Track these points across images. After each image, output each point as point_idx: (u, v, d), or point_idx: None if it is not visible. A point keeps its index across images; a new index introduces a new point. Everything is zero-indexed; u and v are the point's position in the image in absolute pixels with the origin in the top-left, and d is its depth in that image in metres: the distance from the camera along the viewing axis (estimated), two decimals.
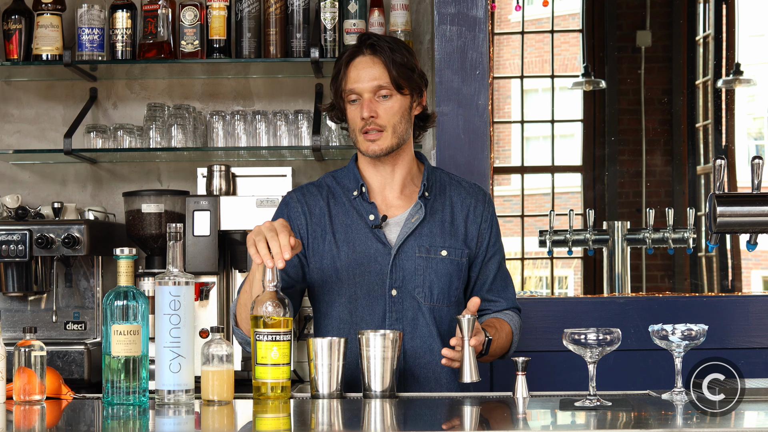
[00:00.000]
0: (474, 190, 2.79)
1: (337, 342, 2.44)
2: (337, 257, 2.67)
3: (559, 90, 4.83)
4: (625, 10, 4.81)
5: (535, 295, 3.97)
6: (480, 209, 2.76)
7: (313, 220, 2.71)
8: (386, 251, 2.67)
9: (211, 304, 3.64)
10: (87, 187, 4.09)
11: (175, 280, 2.34)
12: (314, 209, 2.72)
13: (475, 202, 2.76)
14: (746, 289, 4.70)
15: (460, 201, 2.75)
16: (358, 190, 2.71)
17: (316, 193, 2.74)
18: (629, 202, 4.67)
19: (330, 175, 2.79)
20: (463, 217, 2.74)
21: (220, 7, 3.82)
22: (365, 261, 2.66)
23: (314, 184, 2.78)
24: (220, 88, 4.11)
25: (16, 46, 3.87)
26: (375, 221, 2.68)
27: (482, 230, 2.75)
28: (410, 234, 2.68)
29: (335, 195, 2.74)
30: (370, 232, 2.68)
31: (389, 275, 2.66)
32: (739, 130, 4.74)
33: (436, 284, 2.67)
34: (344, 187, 2.74)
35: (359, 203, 2.71)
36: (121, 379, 2.29)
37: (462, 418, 2.28)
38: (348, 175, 2.76)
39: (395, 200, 2.73)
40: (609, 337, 2.25)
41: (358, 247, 2.67)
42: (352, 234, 2.69)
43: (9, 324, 3.72)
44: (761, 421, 2.19)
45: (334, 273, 2.68)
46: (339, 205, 2.72)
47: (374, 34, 2.75)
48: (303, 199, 2.73)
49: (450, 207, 2.74)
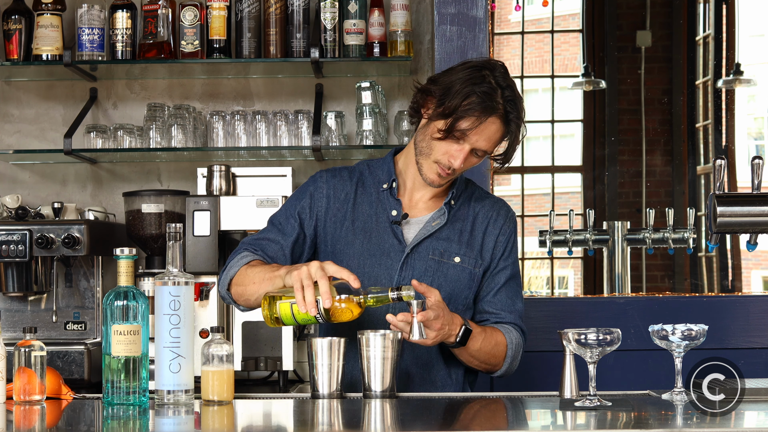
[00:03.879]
0: (498, 205, 2.78)
1: (337, 342, 2.44)
2: (351, 244, 2.68)
3: (559, 90, 4.82)
4: (625, 10, 4.80)
5: (535, 295, 3.97)
6: (500, 223, 2.75)
7: (336, 204, 2.71)
8: (401, 248, 2.67)
9: (211, 304, 3.64)
10: (87, 187, 4.09)
11: (175, 280, 2.34)
12: (340, 193, 2.72)
13: (496, 215, 2.76)
14: (746, 289, 4.70)
15: (483, 213, 2.75)
16: (389, 184, 2.72)
17: (346, 178, 2.74)
18: (629, 202, 4.67)
19: (365, 163, 2.78)
20: (482, 228, 2.73)
21: (220, 7, 3.82)
22: (378, 253, 2.67)
23: (347, 168, 2.77)
24: (220, 88, 4.11)
25: (16, 46, 3.87)
26: (396, 217, 2.69)
27: (498, 242, 2.74)
28: (428, 236, 2.68)
29: (365, 184, 2.74)
30: (389, 226, 2.68)
31: (398, 272, 2.66)
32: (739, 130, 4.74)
33: (444, 288, 2.66)
34: (376, 178, 2.74)
35: (386, 197, 2.71)
36: (121, 379, 2.29)
37: (462, 418, 2.28)
38: (383, 167, 2.75)
39: (422, 203, 2.73)
40: (609, 337, 2.25)
41: (374, 238, 2.68)
42: (371, 225, 2.69)
43: (9, 324, 3.72)
44: (761, 421, 2.19)
45: (345, 259, 2.67)
46: (366, 194, 2.72)
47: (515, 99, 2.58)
48: (332, 181, 2.73)
49: (472, 218, 2.74)
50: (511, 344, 2.70)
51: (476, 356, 2.64)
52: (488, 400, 2.47)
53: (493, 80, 2.57)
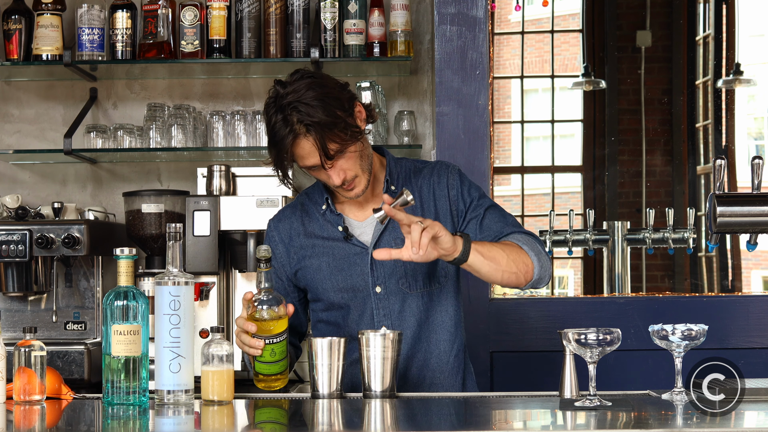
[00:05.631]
0: (437, 168, 2.75)
1: (337, 342, 2.44)
2: (319, 269, 2.70)
3: (559, 90, 4.83)
4: (625, 10, 4.81)
5: (535, 295, 3.97)
6: (444, 181, 2.72)
7: (292, 243, 2.74)
8: (366, 252, 2.68)
9: (211, 304, 3.64)
10: (87, 187, 4.09)
11: (175, 280, 2.35)
12: (291, 232, 2.75)
13: (438, 178, 2.73)
14: (746, 289, 4.70)
15: (426, 183, 2.73)
16: (325, 203, 2.73)
17: (290, 215, 2.77)
18: (629, 202, 4.67)
19: (304, 193, 2.81)
20: (430, 197, 2.71)
21: (220, 7, 3.82)
22: (346, 266, 2.69)
23: (290, 205, 2.81)
24: (220, 88, 4.11)
25: (16, 46, 3.87)
26: (343, 233, 2.70)
27: (453, 198, 2.70)
28: (383, 231, 2.68)
29: (308, 211, 2.76)
30: (345, 241, 2.70)
31: (370, 274, 2.67)
32: (739, 130, 4.74)
33: (420, 269, 2.66)
34: (314, 202, 2.76)
35: (328, 215, 2.73)
36: (121, 379, 2.29)
37: (462, 418, 2.28)
38: (316, 190, 2.78)
39: (368, 202, 2.73)
40: (609, 337, 2.25)
41: (337, 254, 2.70)
42: (330, 243, 2.71)
43: (9, 324, 3.72)
44: (761, 421, 2.19)
45: (320, 284, 2.71)
46: (313, 220, 2.75)
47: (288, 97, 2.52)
48: (279, 226, 2.77)
49: (418, 193, 2.72)
50: (528, 247, 2.60)
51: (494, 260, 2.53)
52: (488, 400, 2.47)
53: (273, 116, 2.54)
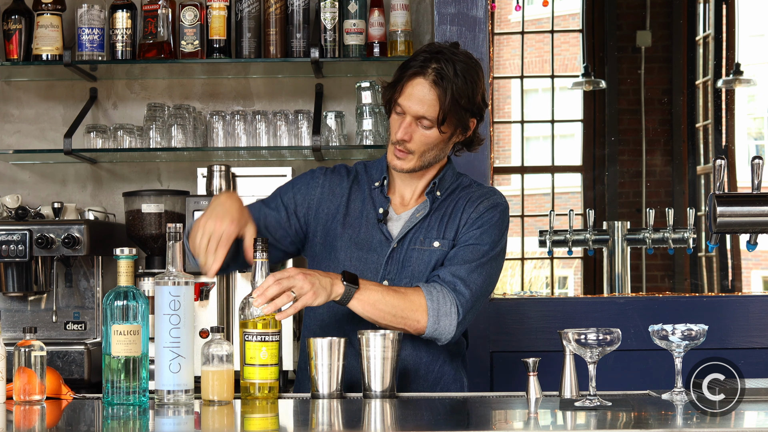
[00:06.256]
0: (485, 191, 2.75)
1: (337, 342, 2.44)
2: (340, 237, 2.70)
3: (559, 90, 4.83)
4: (625, 10, 4.80)
5: (535, 295, 3.97)
6: (478, 203, 2.71)
7: (330, 198, 2.74)
8: (387, 244, 2.68)
9: (211, 304, 3.64)
10: (87, 187, 4.09)
11: (175, 280, 2.35)
12: (335, 188, 2.75)
13: (477, 198, 2.73)
14: (746, 289, 4.70)
15: (466, 199, 2.73)
16: (380, 182, 2.74)
17: (344, 174, 2.77)
18: (629, 202, 4.67)
19: (362, 163, 2.82)
20: (461, 209, 2.72)
21: (220, 7, 3.82)
22: (365, 248, 2.68)
23: (345, 166, 2.81)
24: (220, 88, 4.11)
25: (16, 46, 3.87)
26: (380, 215, 2.70)
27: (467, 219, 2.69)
28: (411, 228, 2.69)
29: (360, 182, 2.76)
30: (377, 223, 2.70)
31: (383, 266, 2.67)
32: (739, 130, 4.74)
33: (423, 274, 2.67)
34: (370, 177, 2.77)
35: (377, 194, 2.73)
36: (121, 379, 2.29)
37: (462, 418, 2.28)
38: (377, 166, 2.78)
39: (412, 199, 2.75)
40: (609, 337, 2.25)
41: (362, 233, 2.69)
42: (361, 221, 2.71)
43: (9, 324, 3.72)
44: (761, 421, 2.19)
45: (333, 252, 2.70)
46: (360, 191, 2.75)
47: (446, 52, 2.61)
48: (329, 176, 2.77)
49: (454, 204, 2.73)
50: (433, 298, 2.57)
51: (379, 310, 2.51)
52: (488, 400, 2.47)
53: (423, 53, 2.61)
